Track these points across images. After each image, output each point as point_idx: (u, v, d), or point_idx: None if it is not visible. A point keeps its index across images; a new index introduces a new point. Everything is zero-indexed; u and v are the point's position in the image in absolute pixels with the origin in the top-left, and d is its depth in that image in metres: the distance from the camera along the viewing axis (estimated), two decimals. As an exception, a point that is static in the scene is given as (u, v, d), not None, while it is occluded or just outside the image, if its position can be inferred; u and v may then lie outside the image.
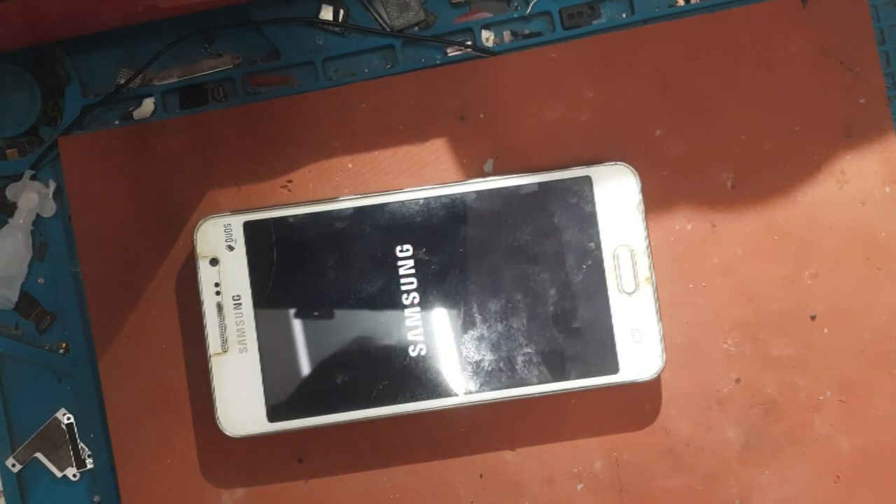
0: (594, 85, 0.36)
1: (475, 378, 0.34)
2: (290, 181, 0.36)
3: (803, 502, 0.36)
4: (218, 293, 0.34)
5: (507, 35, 0.37)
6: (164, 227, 0.36)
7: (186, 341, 0.36)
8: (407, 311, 0.34)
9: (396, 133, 0.36)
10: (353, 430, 0.35)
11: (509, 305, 0.34)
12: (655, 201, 0.36)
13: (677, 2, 0.37)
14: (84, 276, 0.36)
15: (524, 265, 0.34)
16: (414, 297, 0.34)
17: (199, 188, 0.36)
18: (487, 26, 0.37)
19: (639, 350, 0.34)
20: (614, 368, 0.34)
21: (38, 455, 0.36)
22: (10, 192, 0.36)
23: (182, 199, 0.36)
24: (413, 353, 0.34)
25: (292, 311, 0.34)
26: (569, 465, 0.36)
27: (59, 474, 0.37)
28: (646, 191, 0.35)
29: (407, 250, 0.34)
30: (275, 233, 0.34)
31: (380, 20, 0.37)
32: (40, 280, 0.37)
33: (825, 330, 0.36)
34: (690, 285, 0.36)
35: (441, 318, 0.34)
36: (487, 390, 0.34)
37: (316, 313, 0.34)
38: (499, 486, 0.36)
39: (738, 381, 0.36)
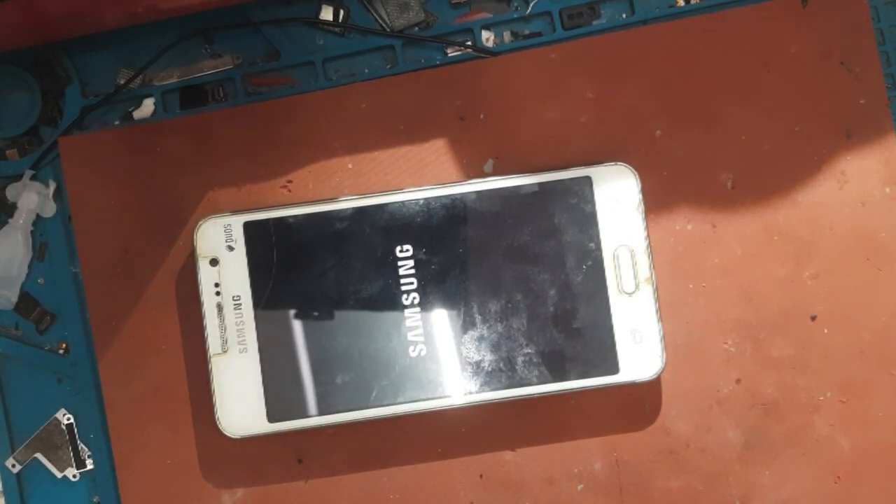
0: (594, 85, 0.36)
1: (475, 378, 0.34)
2: (290, 181, 0.36)
3: (803, 503, 0.35)
4: (218, 293, 0.34)
5: (507, 35, 0.37)
6: (164, 227, 0.36)
7: (186, 341, 0.36)
8: (407, 312, 0.34)
9: (396, 133, 0.36)
10: (353, 430, 0.35)
11: (509, 306, 0.34)
12: (655, 201, 0.36)
13: (677, 2, 0.37)
14: (84, 277, 0.36)
15: (524, 265, 0.34)
16: (414, 298, 0.34)
17: (199, 188, 0.36)
18: (487, 27, 0.37)
19: (639, 350, 0.34)
20: (614, 369, 0.34)
21: (38, 455, 0.36)
22: (10, 192, 0.36)
23: (182, 199, 0.36)
24: (413, 354, 0.34)
25: (292, 312, 0.34)
26: (569, 465, 0.36)
27: (58, 475, 0.37)
28: (646, 191, 0.35)
29: (407, 250, 0.34)
30: (275, 233, 0.34)
31: (380, 20, 0.37)
32: (40, 280, 0.37)
33: (825, 330, 0.36)
34: (690, 286, 0.36)
35: (441, 319, 0.34)
36: (487, 390, 0.34)
37: (316, 313, 0.34)
38: (499, 487, 0.36)
39: (738, 381, 0.36)
